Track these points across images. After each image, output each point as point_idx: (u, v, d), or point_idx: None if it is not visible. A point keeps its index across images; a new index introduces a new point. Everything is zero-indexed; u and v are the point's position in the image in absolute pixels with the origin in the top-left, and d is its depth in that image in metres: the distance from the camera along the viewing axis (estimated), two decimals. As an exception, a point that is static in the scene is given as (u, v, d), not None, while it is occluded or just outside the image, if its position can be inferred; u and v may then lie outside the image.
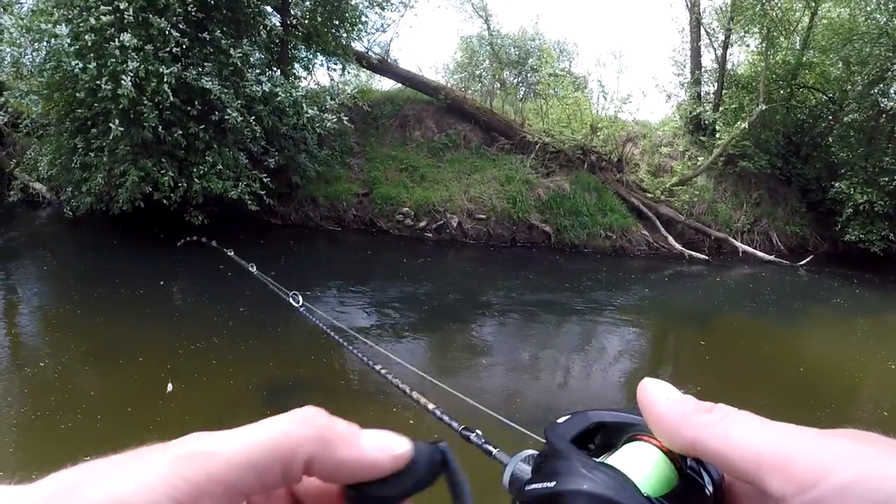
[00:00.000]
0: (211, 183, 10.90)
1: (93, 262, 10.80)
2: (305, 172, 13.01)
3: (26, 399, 5.70)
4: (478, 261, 12.17)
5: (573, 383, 6.88)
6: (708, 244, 14.09)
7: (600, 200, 13.51)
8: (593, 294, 10.30)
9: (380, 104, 15.24)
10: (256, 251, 11.51)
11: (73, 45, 9.85)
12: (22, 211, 13.83)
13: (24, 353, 6.85)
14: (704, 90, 16.21)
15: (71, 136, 11.24)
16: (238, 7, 11.54)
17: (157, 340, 7.10)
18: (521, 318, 8.76)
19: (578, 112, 14.18)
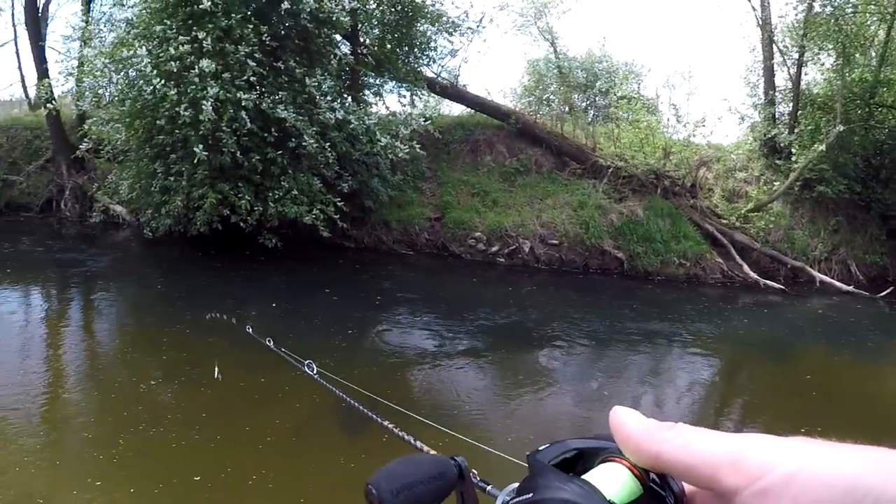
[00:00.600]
0: (286, 207, 11.13)
1: (171, 281, 11.11)
2: (378, 197, 13.18)
3: (106, 415, 5.82)
4: (549, 286, 12.09)
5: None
6: (783, 273, 13.70)
7: (674, 226, 13.29)
8: (665, 323, 10.05)
9: (451, 129, 15.31)
10: (329, 274, 11.71)
11: (154, 71, 10.28)
12: (103, 232, 14.37)
13: (104, 369, 7.08)
14: (779, 111, 15.80)
15: (151, 161, 11.68)
16: (310, 37, 11.84)
17: (231, 359, 7.17)
18: (591, 346, 8.63)
19: (651, 136, 14.02)
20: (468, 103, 15.90)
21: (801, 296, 12.93)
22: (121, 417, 5.61)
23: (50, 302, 9.73)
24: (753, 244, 13.68)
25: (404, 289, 11.09)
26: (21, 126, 16.92)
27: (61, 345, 7.68)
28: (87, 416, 5.73)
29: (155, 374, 6.74)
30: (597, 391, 7.15)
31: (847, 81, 14.39)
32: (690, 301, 11.83)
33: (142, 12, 11.48)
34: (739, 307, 11.85)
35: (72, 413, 5.80)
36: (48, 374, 6.68)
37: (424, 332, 8.77)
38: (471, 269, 12.63)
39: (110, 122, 12.74)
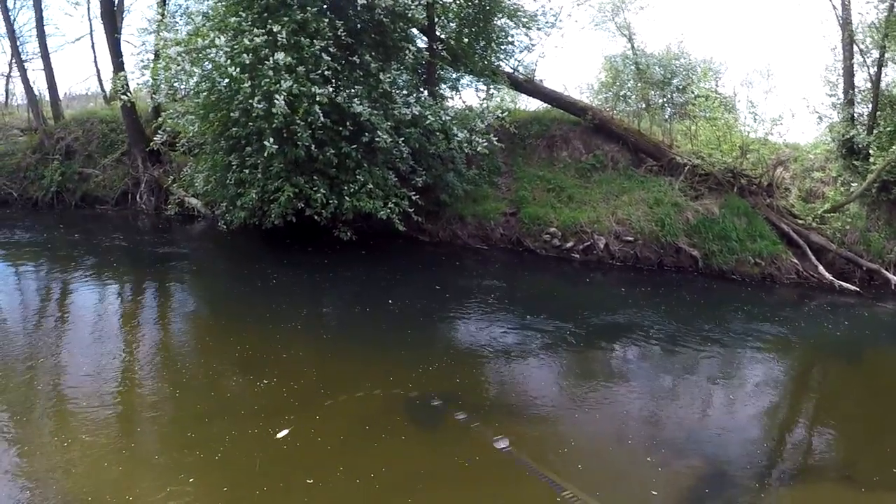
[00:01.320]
0: (361, 202, 11.20)
1: (244, 273, 11.25)
2: (453, 191, 13.22)
3: (167, 397, 6.04)
4: (624, 283, 12.08)
5: (713, 413, 6.69)
6: (859, 275, 13.50)
7: (750, 225, 13.18)
8: (739, 322, 9.96)
9: (527, 124, 15.31)
10: (404, 268, 11.78)
11: (229, 61, 10.33)
12: (178, 224, 14.59)
13: (177, 359, 7.25)
14: (858, 111, 15.51)
15: (226, 154, 11.78)
16: (386, 31, 11.85)
17: (304, 350, 7.39)
18: (665, 344, 8.59)
19: (728, 133, 13.90)
20: (544, 98, 15.81)
21: (877, 298, 12.73)
22: (196, 410, 5.79)
23: (125, 294, 9.92)
24: (829, 245, 13.53)
25: (479, 284, 11.11)
26: (97, 119, 17.19)
27: (136, 337, 7.86)
28: (163, 408, 5.88)
29: (229, 368, 6.89)
30: (670, 390, 7.19)
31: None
32: (765, 301, 11.74)
33: (217, 4, 11.64)
34: (814, 308, 11.73)
35: (147, 405, 5.95)
36: (124, 365, 6.84)
37: (498, 328, 8.81)
38: (545, 265, 12.64)
39: (185, 115, 12.90)
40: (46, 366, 6.75)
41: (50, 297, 9.65)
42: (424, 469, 5.05)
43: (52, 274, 10.70)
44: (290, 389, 6.23)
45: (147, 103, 16.00)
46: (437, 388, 6.49)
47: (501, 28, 14.22)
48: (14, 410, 5.71)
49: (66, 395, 6.06)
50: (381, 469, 4.89)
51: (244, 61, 10.21)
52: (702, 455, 5.50)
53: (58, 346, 7.38)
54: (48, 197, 16.03)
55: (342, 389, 6.30)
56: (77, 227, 14.09)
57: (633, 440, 5.76)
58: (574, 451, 5.46)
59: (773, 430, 6.47)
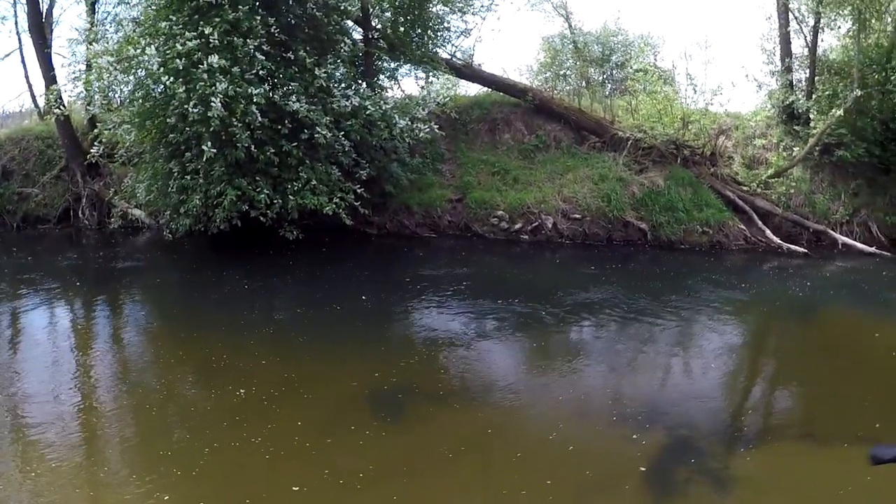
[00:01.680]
0: (305, 199, 11.06)
1: (194, 281, 11.09)
2: (398, 181, 13.14)
3: (136, 415, 5.82)
4: (574, 261, 12.07)
5: (674, 383, 6.74)
6: (806, 237, 13.67)
7: (695, 195, 13.25)
8: (692, 291, 10.05)
9: (468, 109, 15.27)
10: (352, 262, 11.66)
11: (162, 68, 10.16)
12: (123, 237, 14.23)
13: (132, 372, 7.05)
14: (796, 78, 15.69)
15: (166, 162, 11.60)
16: (320, 25, 11.76)
17: (261, 354, 7.21)
18: (619, 318, 8.62)
19: (669, 106, 13.97)
20: (484, 82, 15.78)
21: (825, 259, 12.91)
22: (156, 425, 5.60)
23: (76, 314, 9.62)
24: (775, 209, 13.67)
25: (429, 272, 11.03)
26: (32, 136, 16.59)
27: (90, 355, 7.61)
28: (129, 426, 5.69)
29: (185, 379, 6.74)
30: (629, 363, 7.17)
31: (863, 47, 14.28)
32: (715, 268, 11.83)
33: (147, 10, 11.40)
34: (764, 272, 11.87)
35: (112, 424, 5.73)
36: (79, 385, 6.63)
37: (452, 314, 8.76)
38: (495, 249, 12.64)
39: (121, 125, 12.60)
40: (1, 396, 6.45)
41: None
42: (405, 461, 4.95)
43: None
44: (256, 395, 6.06)
45: (82, 116, 15.60)
46: (401, 380, 6.43)
47: (437, 14, 14.20)
48: None
49: (26, 423, 5.77)
50: (367, 466, 4.76)
51: (177, 66, 10.06)
52: (665, 425, 5.47)
53: (12, 375, 7.03)
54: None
55: (309, 390, 6.22)
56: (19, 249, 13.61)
57: (595, 415, 5.74)
58: (537, 429, 5.44)
59: (734, 395, 6.51)
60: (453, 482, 4.69)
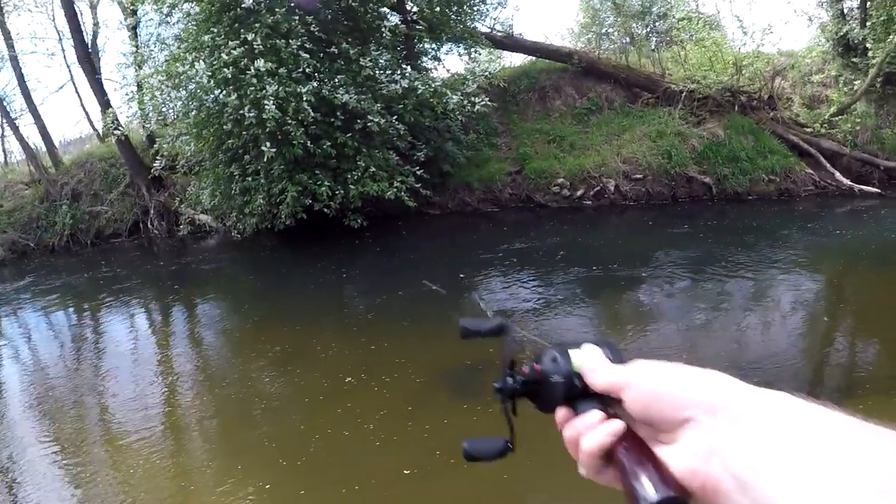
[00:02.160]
0: (366, 186, 11.18)
1: (265, 277, 11.34)
2: (455, 160, 13.21)
3: (221, 409, 6.01)
4: (640, 222, 11.97)
5: (750, 339, 6.51)
6: (878, 175, 13.17)
7: (758, 143, 12.93)
8: (763, 242, 9.75)
9: (515, 80, 15.16)
10: (417, 244, 11.79)
11: (212, 81, 10.42)
12: (192, 242, 14.72)
13: (214, 370, 7.28)
14: (847, 6, 15.14)
15: (226, 166, 11.93)
16: (357, 16, 11.82)
17: (339, 341, 7.38)
18: (691, 277, 8.48)
19: (719, 52, 13.62)
20: (527, 51, 15.65)
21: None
22: (238, 417, 5.76)
23: (154, 318, 10.03)
24: (842, 149, 13.25)
25: (494, 247, 11.00)
26: (95, 159, 17.38)
27: (173, 357, 7.91)
28: (209, 419, 5.91)
29: (269, 370, 6.87)
30: (702, 322, 7.03)
31: (917, -37, 13.69)
32: (785, 217, 11.55)
33: (188, 25, 11.66)
34: (836, 216, 11.50)
35: (198, 419, 5.94)
36: (166, 385, 6.88)
37: (521, 287, 8.75)
38: (558, 217, 12.53)
39: (179, 137, 13.04)
40: (91, 398, 6.86)
41: (83, 334, 9.76)
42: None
43: (82, 311, 10.85)
44: (339, 381, 6.18)
45: (140, 133, 16.17)
46: (467, 357, 6.36)
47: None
48: (68, 443, 5.77)
49: (115, 421, 6.11)
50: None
51: (226, 76, 10.27)
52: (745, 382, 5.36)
53: (99, 379, 7.45)
54: (63, 241, 16.24)
55: (392, 373, 6.21)
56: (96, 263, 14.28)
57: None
58: None
59: (812, 349, 6.32)
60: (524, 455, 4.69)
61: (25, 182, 18.30)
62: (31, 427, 6.35)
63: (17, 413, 6.78)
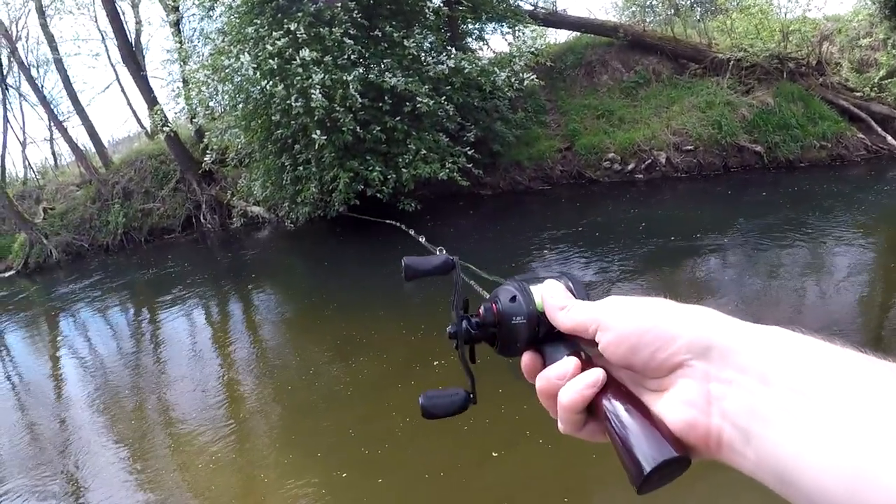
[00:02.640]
0: (418, 169, 11.21)
1: (320, 266, 11.42)
2: (504, 139, 13.23)
3: (285, 399, 6.08)
4: (693, 194, 11.97)
5: (808, 309, 6.51)
6: (932, 137, 13.24)
7: (808, 109, 12.87)
8: (817, 210, 9.67)
9: (561, 56, 15.15)
10: (472, 224, 11.84)
11: (258, 73, 10.49)
12: (246, 234, 14.87)
13: (275, 360, 7.40)
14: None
15: (276, 157, 12.03)
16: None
17: (392, 330, 7.42)
18: (746, 248, 8.45)
19: (765, 19, 13.56)
20: (572, 27, 15.64)
21: (955, 158, 12.45)
22: (303, 407, 5.85)
23: (212, 312, 10.20)
24: (893, 112, 13.19)
25: (548, 225, 11.09)
26: (145, 156, 17.66)
27: (231, 349, 8.03)
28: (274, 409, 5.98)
29: (319, 361, 6.98)
30: (760, 292, 7.01)
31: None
32: (838, 183, 11.46)
33: (231, 18, 11.74)
34: (890, 181, 11.52)
35: (254, 408, 6.07)
36: (226, 378, 7.03)
37: (577, 262, 8.79)
38: (611, 192, 12.54)
39: (228, 130, 13.18)
40: (152, 392, 7.06)
41: (142, 331, 10.01)
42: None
43: (139, 309, 11.09)
44: (396, 366, 6.27)
45: (188, 129, 16.47)
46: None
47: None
48: (131, 436, 5.98)
49: (179, 416, 6.27)
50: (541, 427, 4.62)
51: (272, 67, 10.37)
52: None
53: (159, 372, 7.66)
54: (117, 240, 16.59)
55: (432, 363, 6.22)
56: (151, 260, 14.54)
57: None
58: None
59: (872, 314, 6.31)
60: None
61: (76, 183, 18.71)
62: (97, 424, 6.55)
63: (83, 411, 6.98)
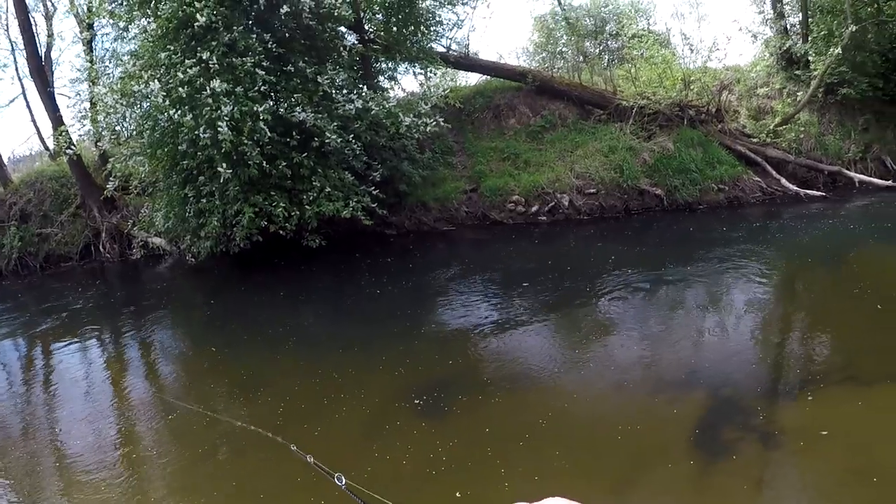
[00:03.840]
0: (322, 206, 11.10)
1: (220, 303, 11.15)
2: (411, 179, 13.27)
3: (183, 439, 5.89)
4: (595, 236, 12.11)
5: (710, 343, 6.68)
6: (822, 180, 13.72)
7: (706, 154, 13.30)
8: (715, 250, 10.01)
9: (470, 99, 15.39)
10: (375, 264, 11.78)
11: (167, 101, 10.22)
12: (146, 266, 14.42)
13: (172, 399, 7.03)
14: (789, 22, 15.72)
15: (180, 188, 11.70)
16: (315, 34, 11.76)
17: (296, 366, 7.33)
18: (646, 287, 8.64)
19: (668, 69, 14.02)
20: (483, 70, 15.94)
21: (843, 199, 12.93)
22: (198, 448, 5.64)
23: (107, 347, 9.76)
24: (787, 157, 13.73)
25: (451, 265, 11.12)
26: (45, 178, 16.82)
27: (127, 387, 7.71)
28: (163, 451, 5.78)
29: (223, 398, 6.82)
30: (661, 331, 7.14)
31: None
32: (735, 223, 11.86)
33: (144, 42, 11.44)
34: (784, 221, 11.85)
35: (147, 451, 5.82)
36: (120, 418, 6.73)
37: (481, 305, 8.78)
38: (515, 233, 12.70)
39: (133, 157, 12.75)
40: (42, 433, 6.67)
41: (32, 364, 9.53)
42: (457, 454, 4.94)
43: (31, 341, 10.54)
44: (295, 407, 6.18)
45: (93, 152, 15.76)
46: (442, 374, 6.53)
47: (427, 10, 14.17)
48: (16, 481, 5.65)
49: (68, 455, 5.97)
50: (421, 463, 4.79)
51: (181, 95, 10.14)
52: (707, 386, 5.52)
53: (50, 412, 7.28)
54: (11, 265, 15.71)
55: (350, 396, 6.23)
56: (45, 289, 13.91)
57: (638, 387, 5.77)
58: (575, 405, 5.53)
59: (769, 348, 6.54)
60: (507, 471, 4.66)
61: (-29, 202, 17.65)
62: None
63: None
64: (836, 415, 4.87)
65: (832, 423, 4.73)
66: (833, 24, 14.76)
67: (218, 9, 10.26)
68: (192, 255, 12.29)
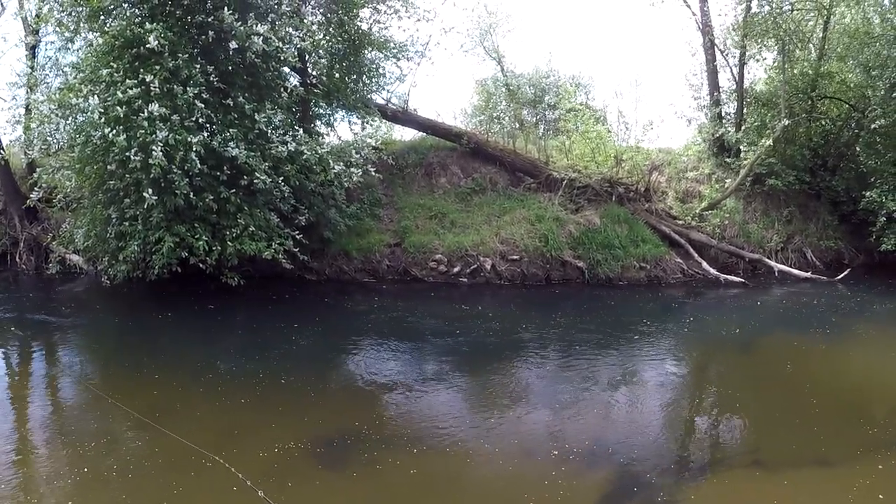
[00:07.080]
0: (244, 245, 10.99)
1: (132, 329, 10.84)
2: (336, 227, 13.21)
3: (75, 469, 5.64)
4: (514, 302, 12.15)
5: (618, 419, 6.76)
6: (743, 266, 14.02)
7: (631, 231, 13.50)
8: (631, 327, 10.17)
9: (404, 154, 15.46)
10: (292, 308, 11.62)
11: (103, 118, 10.05)
12: (60, 283, 13.98)
13: (71, 424, 6.87)
14: (725, 111, 16.22)
15: (105, 207, 11.50)
16: (258, 72, 11.71)
17: (201, 402, 7.18)
18: (560, 357, 8.72)
19: (602, 145, 14.25)
20: (419, 127, 16.05)
21: (762, 287, 13.20)
22: (93, 477, 5.46)
23: (8, 362, 9.39)
24: (710, 241, 13.97)
25: (368, 318, 11.02)
26: None
27: (24, 411, 7.39)
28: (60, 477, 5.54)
29: (123, 429, 6.56)
30: (570, 401, 7.16)
31: (789, 77, 14.77)
32: (654, 303, 12.04)
33: (87, 56, 11.28)
34: (703, 304, 12.06)
35: (44, 474, 5.62)
36: (15, 444, 6.39)
37: (393, 360, 8.77)
38: (434, 292, 12.68)
39: (61, 170, 12.45)
40: None
41: None
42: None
43: None
44: (195, 446, 5.93)
45: (21, 159, 15.37)
46: (345, 427, 6.37)
47: (372, 61, 14.29)
48: None
49: None
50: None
51: (118, 114, 9.97)
52: (611, 462, 5.55)
53: None
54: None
55: (251, 440, 6.11)
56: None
57: (543, 456, 5.74)
58: (485, 473, 5.47)
59: (678, 427, 6.62)
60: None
61: None
62: None
63: None
64: (738, 497, 4.98)
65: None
66: (767, 116, 15.29)
67: (166, 33, 10.19)
68: (108, 278, 11.98)
